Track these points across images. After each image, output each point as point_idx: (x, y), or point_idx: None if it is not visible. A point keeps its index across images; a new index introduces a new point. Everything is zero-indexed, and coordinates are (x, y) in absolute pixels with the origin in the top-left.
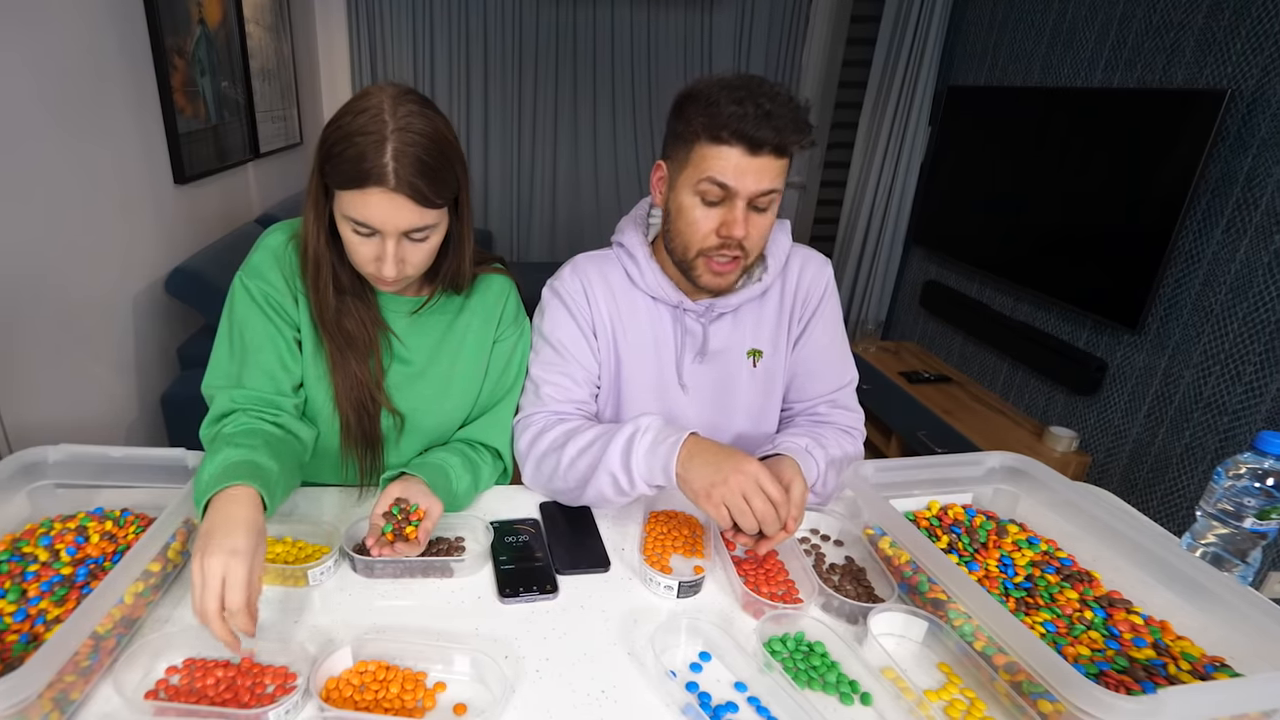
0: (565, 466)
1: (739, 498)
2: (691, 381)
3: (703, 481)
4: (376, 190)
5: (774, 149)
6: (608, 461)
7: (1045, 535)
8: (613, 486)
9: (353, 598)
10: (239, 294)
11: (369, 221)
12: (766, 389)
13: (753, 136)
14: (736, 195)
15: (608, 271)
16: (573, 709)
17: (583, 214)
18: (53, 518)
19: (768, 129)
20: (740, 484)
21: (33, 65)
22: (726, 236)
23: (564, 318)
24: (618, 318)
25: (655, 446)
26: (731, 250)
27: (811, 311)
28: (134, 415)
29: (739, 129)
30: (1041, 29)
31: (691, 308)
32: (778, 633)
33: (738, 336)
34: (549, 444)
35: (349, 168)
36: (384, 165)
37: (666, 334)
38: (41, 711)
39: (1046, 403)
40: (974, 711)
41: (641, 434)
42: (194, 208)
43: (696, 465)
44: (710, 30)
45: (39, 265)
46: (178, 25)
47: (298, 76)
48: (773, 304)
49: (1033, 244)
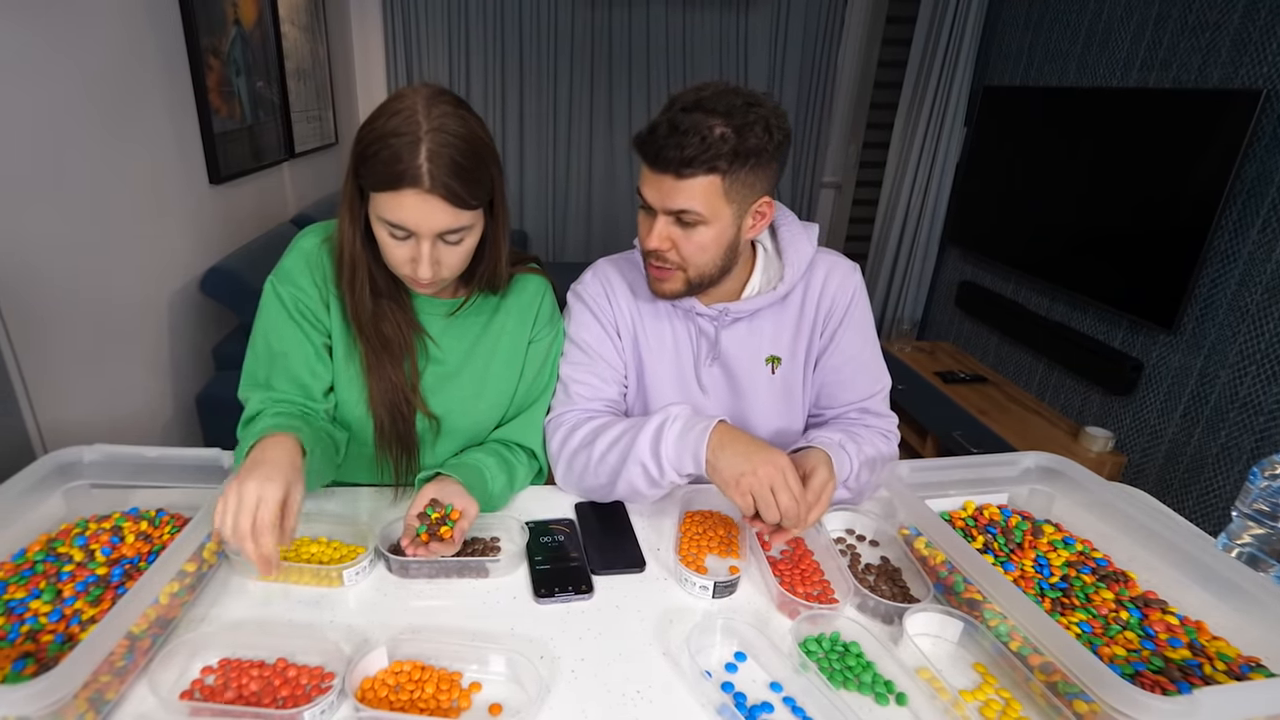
0: (596, 461)
1: (766, 489)
2: (709, 383)
3: (732, 471)
4: (411, 192)
5: (673, 171)
6: (638, 451)
7: (1081, 535)
8: (644, 477)
9: (388, 598)
10: (269, 299)
11: (404, 223)
12: (786, 396)
13: (651, 151)
14: (654, 208)
15: (628, 273)
16: (608, 709)
17: (618, 214)
18: (88, 518)
19: (672, 149)
20: (769, 476)
21: (71, 66)
22: (645, 248)
23: (588, 319)
24: (638, 318)
25: (685, 434)
26: (655, 260)
27: (839, 320)
28: (169, 415)
29: (643, 142)
30: (1077, 29)
31: (704, 311)
32: (813, 633)
33: (754, 342)
34: (579, 441)
35: (383, 169)
36: (418, 166)
37: (682, 336)
38: (77, 711)
39: (1082, 403)
40: (1009, 712)
41: (671, 422)
42: (229, 208)
43: (727, 454)
44: (745, 31)
45: (75, 265)
46: (213, 25)
47: (333, 76)
48: (793, 311)
49: (1068, 244)
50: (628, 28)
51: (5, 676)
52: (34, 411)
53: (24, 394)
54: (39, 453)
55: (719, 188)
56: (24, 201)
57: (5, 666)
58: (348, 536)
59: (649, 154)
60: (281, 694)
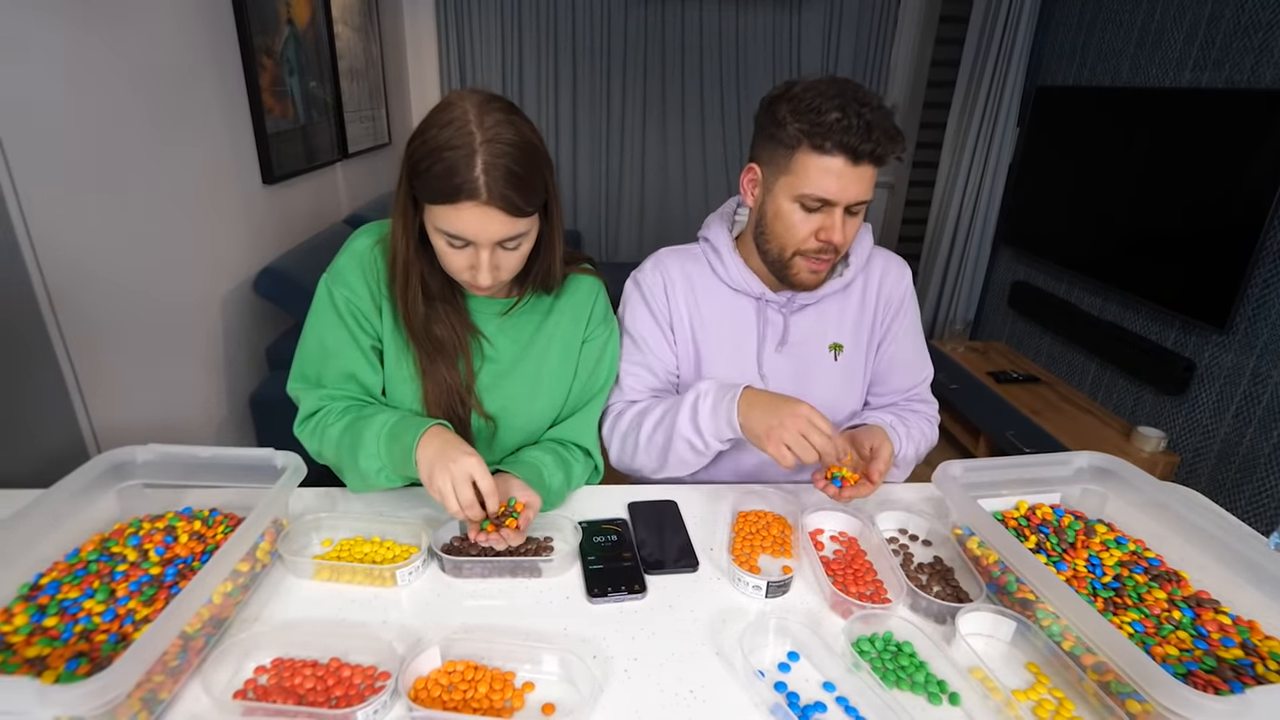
0: (645, 442)
1: (797, 436)
2: (771, 371)
3: (762, 426)
4: (469, 204)
5: (873, 159)
6: (680, 429)
7: (1133, 535)
8: (690, 450)
9: (441, 597)
10: (321, 299)
11: (462, 234)
12: (846, 383)
13: (855, 148)
14: (839, 203)
15: (689, 265)
16: (661, 709)
17: (671, 214)
18: (141, 517)
19: (869, 140)
20: (796, 425)
21: (126, 68)
22: (825, 241)
23: (643, 311)
24: (696, 310)
25: (717, 405)
26: (826, 253)
27: (894, 315)
28: (222, 415)
29: (843, 140)
30: (1129, 29)
31: (774, 299)
32: (866, 632)
33: (820, 329)
34: (626, 425)
35: (439, 184)
36: (475, 179)
37: (748, 325)
38: (130, 711)
39: (1134, 403)
40: (1062, 711)
41: (703, 397)
42: (282, 208)
43: (756, 413)
44: (799, 30)
45: (129, 266)
46: (266, 25)
47: (386, 77)
48: (855, 300)
49: (1121, 244)
50: (680, 25)
51: (59, 676)
52: (88, 412)
53: (78, 394)
54: (93, 453)
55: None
56: (78, 202)
57: (59, 666)
58: (401, 536)
59: (852, 149)
60: (335, 693)
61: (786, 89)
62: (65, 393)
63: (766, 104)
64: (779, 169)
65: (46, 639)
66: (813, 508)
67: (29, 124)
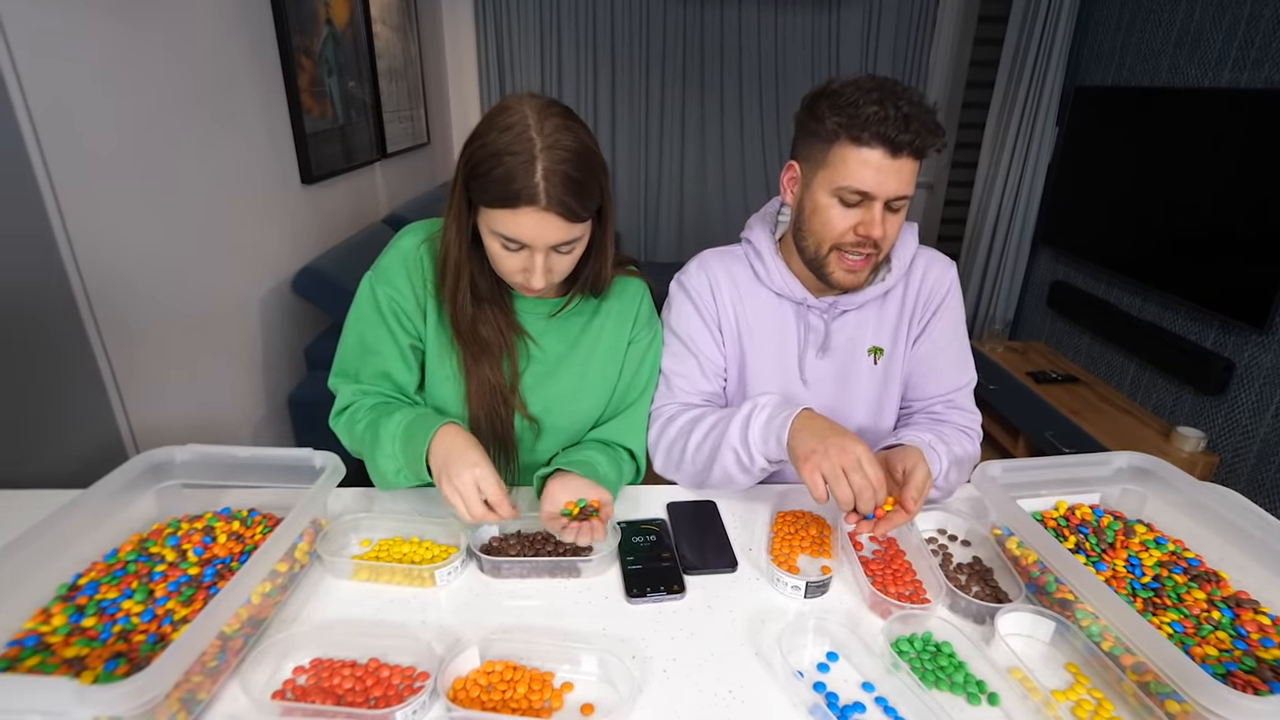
0: (693, 450)
1: (836, 468)
2: (812, 376)
3: (804, 448)
4: (528, 210)
5: (913, 152)
6: (729, 438)
7: (1173, 535)
8: (736, 463)
9: (480, 598)
10: (364, 296)
11: (519, 238)
12: (885, 386)
13: (894, 139)
14: (878, 197)
15: (733, 267)
16: (700, 709)
17: (710, 214)
18: (180, 518)
19: (908, 132)
20: (840, 458)
21: (164, 68)
22: (864, 236)
23: (689, 311)
24: (742, 313)
25: (770, 420)
26: (866, 248)
27: (933, 311)
28: (261, 415)
29: (881, 131)
30: (1169, 29)
31: (815, 304)
32: (905, 633)
33: (860, 334)
34: (676, 430)
35: (498, 188)
36: (534, 185)
37: (790, 329)
38: (169, 711)
39: (1174, 403)
40: (1101, 712)
41: (759, 410)
42: (321, 208)
43: (804, 435)
44: (837, 30)
45: (167, 266)
46: (305, 25)
47: (425, 76)
48: (895, 303)
49: (1160, 244)
50: (719, 26)
51: (97, 676)
52: (126, 412)
53: (116, 395)
54: (131, 453)
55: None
56: (117, 202)
57: (97, 666)
58: (440, 536)
59: (891, 141)
60: (373, 694)
61: (826, 86)
62: (104, 393)
63: (807, 102)
64: (817, 164)
65: (85, 639)
66: None
67: (68, 124)
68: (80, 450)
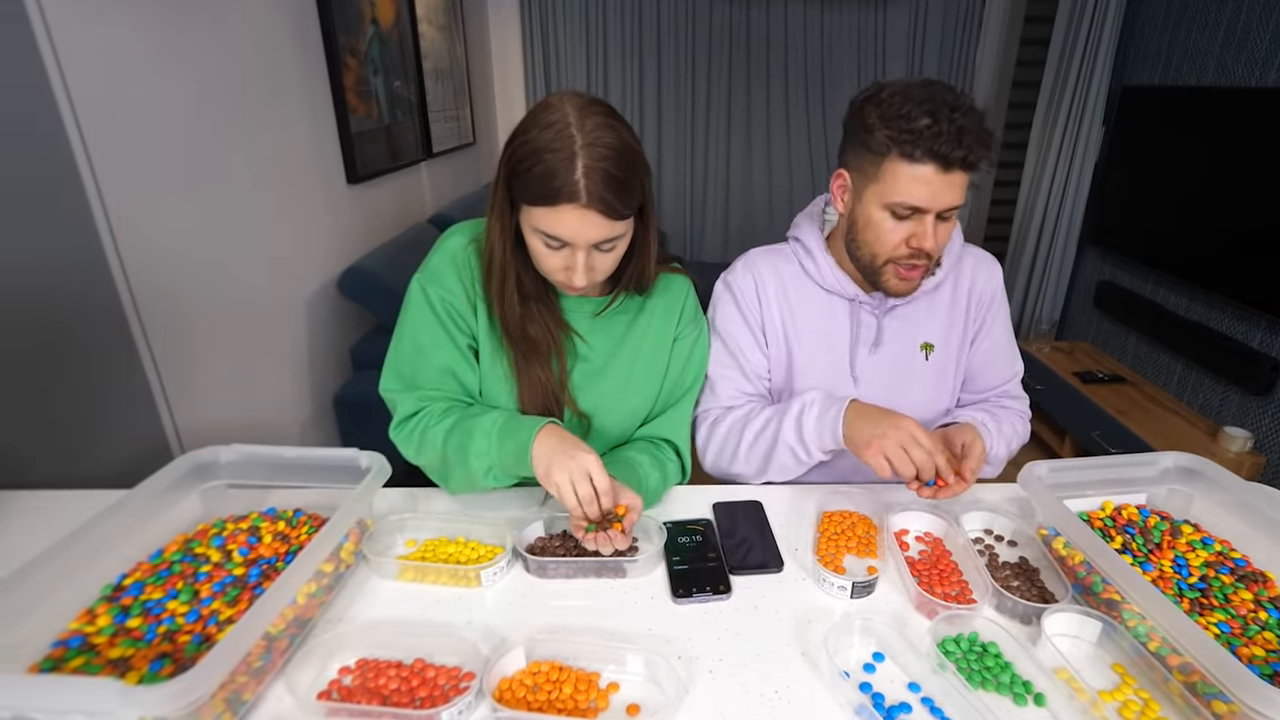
0: (746, 449)
1: (897, 448)
2: (864, 373)
3: (864, 435)
4: (569, 207)
5: (964, 165)
6: (784, 437)
7: (1220, 536)
8: (793, 458)
9: (525, 598)
10: (415, 298)
11: (560, 236)
12: (938, 382)
13: (947, 155)
14: (928, 211)
15: (780, 265)
16: (746, 709)
17: (755, 213)
18: (225, 518)
19: (961, 147)
20: (898, 437)
21: (210, 68)
22: (917, 249)
23: (733, 313)
24: (789, 312)
25: (823, 415)
26: (919, 259)
27: (987, 309)
28: (306, 415)
29: (933, 148)
30: (1215, 29)
31: (866, 300)
32: (951, 633)
33: (910, 329)
34: (726, 430)
35: (539, 185)
36: (575, 182)
37: (841, 326)
38: (214, 712)
39: (1220, 403)
40: (1148, 712)
41: (809, 407)
42: (366, 207)
43: (861, 423)
44: (884, 30)
45: (213, 265)
46: (350, 25)
47: (470, 76)
48: (945, 299)
49: (1208, 243)
50: (765, 25)
51: (142, 677)
52: (171, 412)
53: (161, 394)
54: (176, 453)
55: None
56: (162, 202)
57: (142, 667)
58: (486, 536)
59: (944, 157)
60: (419, 694)
61: (875, 92)
62: (149, 393)
63: (855, 108)
64: (868, 176)
65: (130, 640)
66: (898, 508)
67: (114, 123)
68: (125, 451)
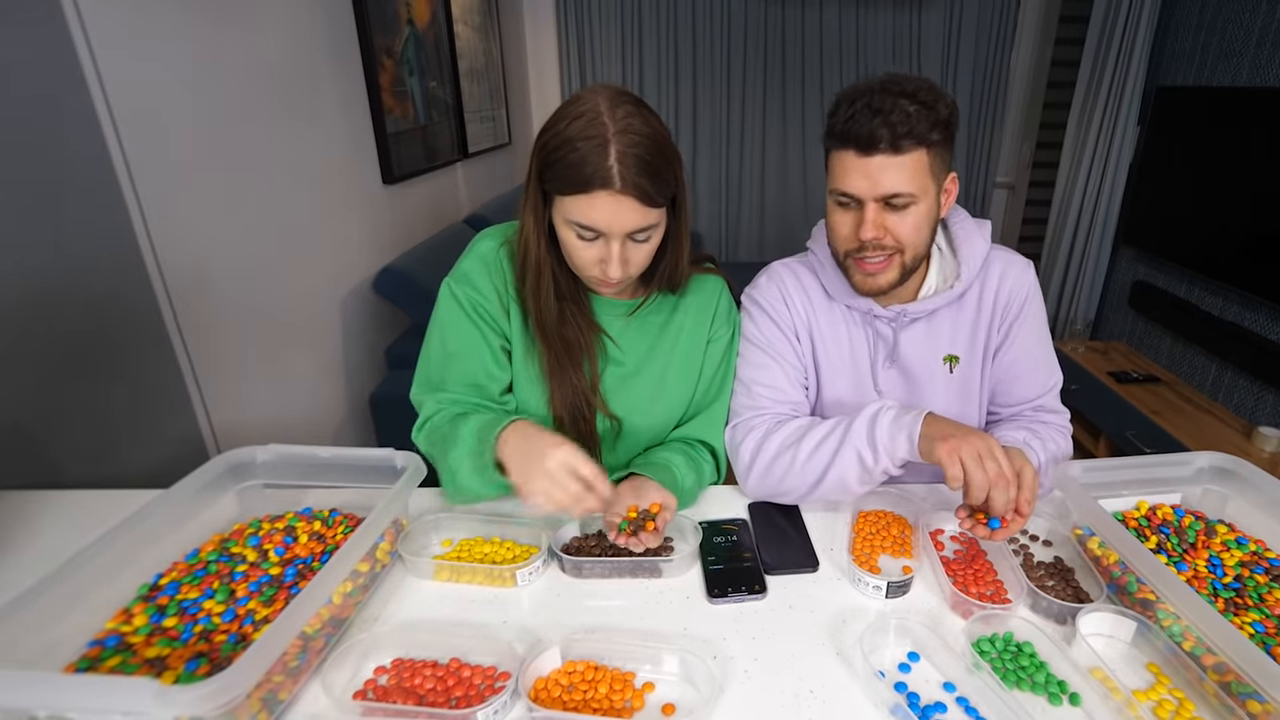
0: (804, 460)
1: (974, 456)
2: (886, 387)
3: (941, 434)
4: (603, 193)
5: (890, 146)
6: (853, 438)
7: (1254, 535)
8: (857, 463)
9: (561, 598)
10: (445, 300)
11: (595, 225)
12: (964, 395)
13: (858, 135)
14: (864, 198)
15: (803, 276)
16: (781, 709)
17: (791, 214)
18: (261, 518)
19: (880, 127)
20: (978, 445)
21: (246, 68)
22: (863, 239)
23: (765, 321)
24: (815, 322)
25: (899, 418)
26: (874, 251)
27: (1014, 318)
28: (342, 415)
29: (847, 129)
30: (1250, 30)
31: (882, 313)
32: (986, 633)
33: (932, 343)
34: (781, 442)
35: (572, 173)
36: (609, 168)
37: (860, 339)
38: (250, 711)
39: (1255, 403)
40: (1183, 712)
41: (885, 410)
42: (402, 208)
43: (939, 424)
44: (919, 31)
45: (249, 266)
46: (386, 25)
47: (506, 77)
48: (970, 309)
49: (1242, 244)
50: (800, 26)
51: (179, 677)
52: (208, 412)
53: (198, 395)
54: (212, 453)
55: (925, 163)
56: (198, 202)
57: (179, 666)
58: (521, 536)
59: (858, 139)
60: (455, 694)
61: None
62: (185, 393)
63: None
64: (829, 171)
65: (166, 639)
66: (933, 508)
67: (150, 122)
68: (161, 451)
